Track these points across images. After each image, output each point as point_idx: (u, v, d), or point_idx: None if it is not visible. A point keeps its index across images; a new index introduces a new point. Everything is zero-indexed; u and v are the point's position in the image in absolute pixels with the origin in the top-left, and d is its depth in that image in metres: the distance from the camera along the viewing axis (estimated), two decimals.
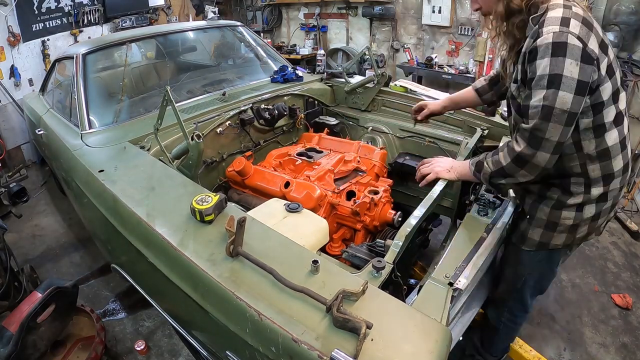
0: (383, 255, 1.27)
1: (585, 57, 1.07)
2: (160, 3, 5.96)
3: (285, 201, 1.69)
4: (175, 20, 6.30)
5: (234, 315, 1.03)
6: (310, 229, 1.54)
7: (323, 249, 1.71)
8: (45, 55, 4.59)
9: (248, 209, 1.59)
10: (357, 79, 2.84)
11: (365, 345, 0.86)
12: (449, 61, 5.27)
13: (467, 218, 1.56)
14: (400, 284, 1.27)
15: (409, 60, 5.46)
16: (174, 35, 2.98)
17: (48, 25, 4.62)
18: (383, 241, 1.46)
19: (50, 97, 2.97)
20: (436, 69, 5.12)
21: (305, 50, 6.39)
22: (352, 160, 2.15)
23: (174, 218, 1.33)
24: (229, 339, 1.10)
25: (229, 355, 1.15)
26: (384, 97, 2.66)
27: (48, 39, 4.61)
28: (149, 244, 1.33)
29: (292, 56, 6.16)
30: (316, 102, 2.78)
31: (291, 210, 1.60)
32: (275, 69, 2.89)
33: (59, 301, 1.88)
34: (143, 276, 1.58)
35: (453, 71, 5.01)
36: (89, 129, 2.11)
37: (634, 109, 3.61)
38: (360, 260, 1.49)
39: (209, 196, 1.29)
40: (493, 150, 1.37)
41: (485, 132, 2.11)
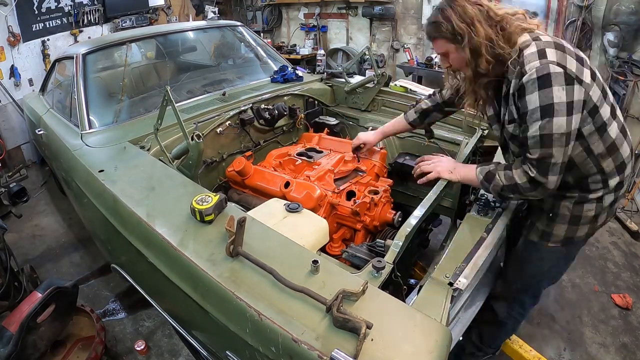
0: (383, 255, 1.27)
1: (568, 79, 1.15)
2: (160, 3, 5.96)
3: (285, 201, 1.69)
4: (175, 20, 6.30)
5: (234, 315, 1.03)
6: (310, 229, 1.54)
7: (323, 249, 1.71)
8: (45, 55, 4.59)
9: (248, 209, 1.59)
10: (357, 79, 2.84)
11: (365, 345, 0.86)
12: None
13: (467, 218, 1.56)
14: (400, 284, 1.27)
15: (409, 60, 5.46)
16: (174, 35, 2.98)
17: (48, 25, 4.63)
18: (383, 241, 1.46)
19: (50, 97, 2.97)
20: (436, 69, 5.10)
21: (305, 50, 6.39)
22: (352, 160, 2.15)
23: (174, 218, 1.33)
24: (229, 339, 1.10)
25: (229, 355, 1.15)
26: (384, 97, 2.66)
27: (48, 39, 4.61)
28: (149, 244, 1.33)
29: (292, 56, 6.16)
30: (316, 102, 2.78)
31: (291, 210, 1.60)
32: (275, 69, 2.89)
33: (59, 301, 1.88)
34: (143, 276, 1.58)
35: None
36: (89, 129, 2.11)
37: (634, 109, 3.60)
38: (360, 260, 1.49)
39: (209, 196, 1.29)
40: (494, 151, 1.38)
41: (485, 132, 2.11)
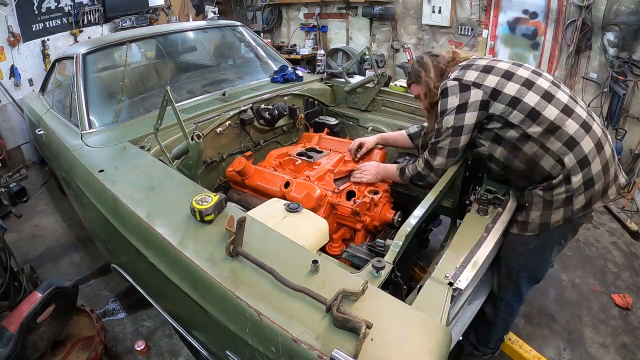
0: (383, 255, 1.27)
1: (462, 87, 1.50)
2: (160, 3, 5.96)
3: (285, 201, 1.69)
4: (175, 20, 6.30)
5: (234, 315, 1.03)
6: (310, 229, 1.54)
7: (323, 249, 1.71)
8: (45, 55, 4.59)
9: (248, 209, 1.59)
10: (357, 79, 2.84)
11: (365, 345, 0.86)
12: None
13: (467, 218, 1.56)
14: (400, 284, 1.27)
15: (409, 60, 5.45)
16: (174, 35, 2.98)
17: (48, 25, 4.63)
18: (383, 241, 1.46)
19: (50, 97, 2.97)
20: None
21: (305, 50, 6.38)
22: (352, 161, 2.15)
23: (174, 218, 1.33)
24: (229, 339, 1.10)
25: (229, 355, 1.15)
26: (384, 97, 2.66)
27: (48, 39, 4.61)
28: (149, 244, 1.33)
29: (292, 56, 6.16)
30: (316, 102, 2.78)
31: (291, 210, 1.60)
32: (275, 69, 2.89)
33: (59, 301, 1.88)
34: (143, 276, 1.58)
35: None
36: (89, 129, 2.11)
37: (634, 109, 3.61)
38: (360, 260, 1.49)
39: (209, 196, 1.29)
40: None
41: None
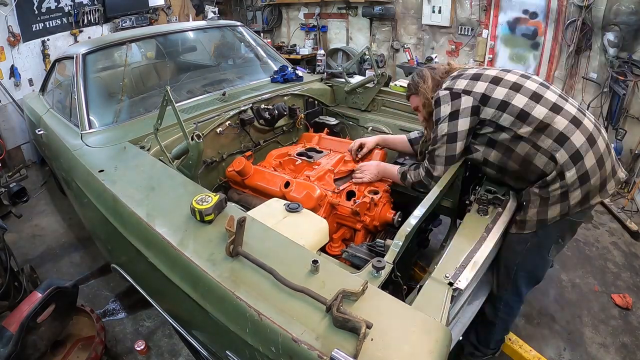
0: (383, 255, 1.27)
1: (453, 95, 1.56)
2: (160, 3, 5.96)
3: (285, 201, 1.69)
4: (175, 20, 6.30)
5: (234, 315, 1.03)
6: (310, 229, 1.54)
7: (323, 249, 1.71)
8: (45, 55, 4.59)
9: (248, 209, 1.59)
10: (357, 79, 2.84)
11: (365, 345, 0.86)
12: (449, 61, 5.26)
13: (467, 218, 1.56)
14: (400, 284, 1.27)
15: (409, 60, 5.45)
16: (174, 35, 2.98)
17: (48, 25, 4.62)
18: (383, 241, 1.46)
19: (50, 97, 2.97)
20: None
21: (305, 50, 6.38)
22: (352, 160, 2.15)
23: (174, 218, 1.33)
24: (229, 339, 1.10)
25: (229, 355, 1.15)
26: (384, 97, 2.66)
27: (48, 39, 4.61)
28: (149, 244, 1.33)
29: (292, 56, 6.16)
30: (316, 102, 2.78)
31: (291, 210, 1.60)
32: (275, 69, 2.89)
33: (59, 301, 1.88)
34: (143, 276, 1.58)
35: None
36: (89, 129, 2.11)
37: (634, 109, 3.61)
38: (360, 260, 1.49)
39: (209, 196, 1.29)
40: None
41: None
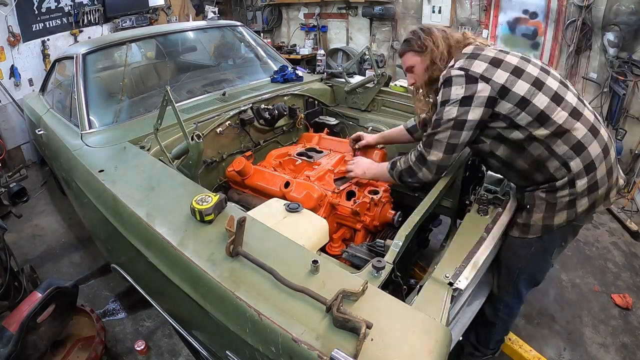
0: (383, 255, 1.27)
1: (470, 79, 1.35)
2: (160, 3, 5.96)
3: (285, 201, 1.69)
4: (175, 20, 6.30)
5: (234, 315, 1.03)
6: (310, 229, 1.54)
7: (323, 249, 1.71)
8: (45, 55, 4.59)
9: (248, 209, 1.59)
10: (357, 79, 2.83)
11: (365, 345, 0.86)
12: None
13: (467, 218, 1.56)
14: (400, 284, 1.27)
15: None
16: (174, 35, 2.98)
17: (48, 25, 4.62)
18: (383, 241, 1.46)
19: (50, 97, 2.97)
20: None
21: (305, 50, 6.38)
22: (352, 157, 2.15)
23: (174, 218, 1.33)
24: (229, 339, 1.10)
25: (229, 355, 1.15)
26: (384, 97, 2.66)
27: (48, 39, 4.61)
28: (149, 244, 1.33)
29: (292, 56, 6.15)
30: (316, 102, 2.78)
31: (291, 210, 1.60)
32: (275, 69, 2.89)
33: (59, 301, 1.88)
34: (143, 276, 1.58)
35: None
36: (89, 129, 2.11)
37: (634, 109, 3.61)
38: (360, 260, 1.49)
39: (209, 196, 1.29)
40: None
41: None
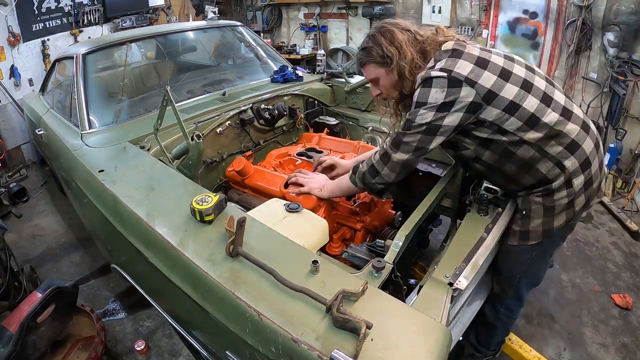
0: (383, 255, 1.27)
1: (453, 82, 1.24)
2: (160, 3, 5.96)
3: (285, 201, 1.69)
4: (175, 20, 6.30)
5: (234, 315, 1.03)
6: (310, 229, 1.54)
7: (323, 249, 1.71)
8: (45, 55, 4.59)
9: (248, 209, 1.59)
10: (357, 79, 2.83)
11: (365, 346, 0.86)
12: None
13: (467, 218, 1.56)
14: (400, 284, 1.27)
15: None
16: (174, 35, 2.98)
17: (48, 25, 4.63)
18: (383, 241, 1.45)
19: (50, 97, 2.97)
20: None
21: (305, 50, 6.38)
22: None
23: (174, 218, 1.33)
24: (229, 339, 1.10)
25: (229, 355, 1.15)
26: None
27: (48, 39, 4.61)
28: (149, 244, 1.33)
29: (292, 56, 6.15)
30: (316, 102, 2.78)
31: (291, 210, 1.60)
32: (275, 69, 2.89)
33: (59, 301, 1.88)
34: (143, 276, 1.58)
35: None
36: (89, 129, 2.11)
37: (634, 109, 3.61)
38: (360, 260, 1.49)
39: (209, 196, 1.29)
40: None
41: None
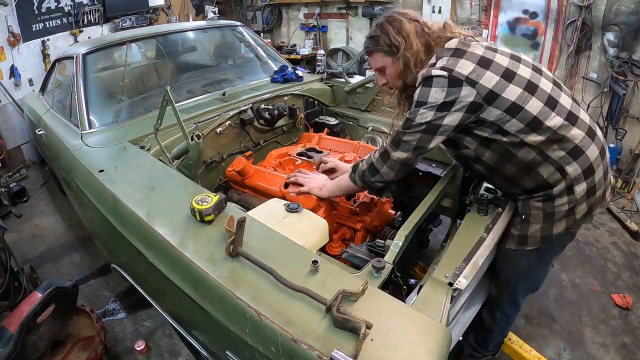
0: (383, 255, 1.27)
1: (454, 81, 1.23)
2: (160, 3, 5.97)
3: (285, 201, 1.69)
4: (175, 20, 6.30)
5: (234, 315, 1.03)
6: (310, 229, 1.54)
7: (323, 249, 1.71)
8: (45, 55, 4.59)
9: (248, 209, 1.59)
10: (357, 79, 2.83)
11: (365, 346, 0.86)
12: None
13: (467, 218, 1.56)
14: (400, 284, 1.27)
15: None
16: (174, 35, 2.98)
17: (48, 25, 4.63)
18: (383, 241, 1.45)
19: (50, 97, 2.98)
20: None
21: (305, 50, 6.38)
22: (352, 161, 2.15)
23: (174, 218, 1.33)
24: (229, 339, 1.10)
25: (229, 355, 1.15)
26: (384, 97, 2.66)
27: (48, 39, 4.61)
28: (149, 244, 1.33)
29: (292, 56, 6.16)
30: (316, 102, 2.78)
31: (291, 210, 1.60)
32: (275, 69, 2.89)
33: (59, 301, 1.88)
34: (143, 276, 1.58)
35: None
36: (89, 129, 2.11)
37: (634, 109, 3.61)
38: (360, 260, 1.49)
39: (209, 196, 1.29)
40: None
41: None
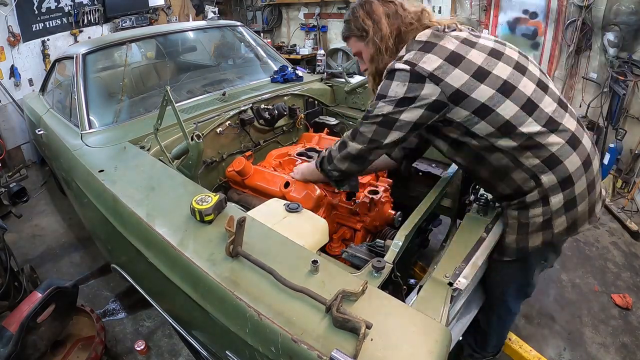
0: (383, 255, 1.27)
1: (416, 77, 1.20)
2: (160, 3, 5.97)
3: (285, 201, 1.69)
4: (175, 20, 6.30)
5: (234, 315, 1.03)
6: (310, 229, 1.54)
7: (323, 249, 1.71)
8: (45, 55, 4.60)
9: (248, 209, 1.59)
10: (357, 79, 2.83)
11: (365, 345, 0.86)
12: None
13: (467, 218, 1.56)
14: (400, 284, 1.27)
15: None
16: (174, 35, 2.98)
17: (48, 25, 4.63)
18: (383, 241, 1.46)
19: (50, 97, 2.98)
20: None
21: (305, 50, 6.39)
22: None
23: (174, 218, 1.33)
24: (228, 339, 1.10)
25: (229, 355, 1.15)
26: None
27: (48, 39, 4.62)
28: (149, 244, 1.33)
29: (292, 56, 6.16)
30: (316, 102, 2.78)
31: (291, 210, 1.60)
32: (275, 69, 2.90)
33: (59, 301, 1.88)
34: (143, 276, 1.58)
35: None
36: (89, 129, 2.12)
37: (634, 109, 3.60)
38: (360, 260, 1.49)
39: (209, 196, 1.29)
40: None
41: None
